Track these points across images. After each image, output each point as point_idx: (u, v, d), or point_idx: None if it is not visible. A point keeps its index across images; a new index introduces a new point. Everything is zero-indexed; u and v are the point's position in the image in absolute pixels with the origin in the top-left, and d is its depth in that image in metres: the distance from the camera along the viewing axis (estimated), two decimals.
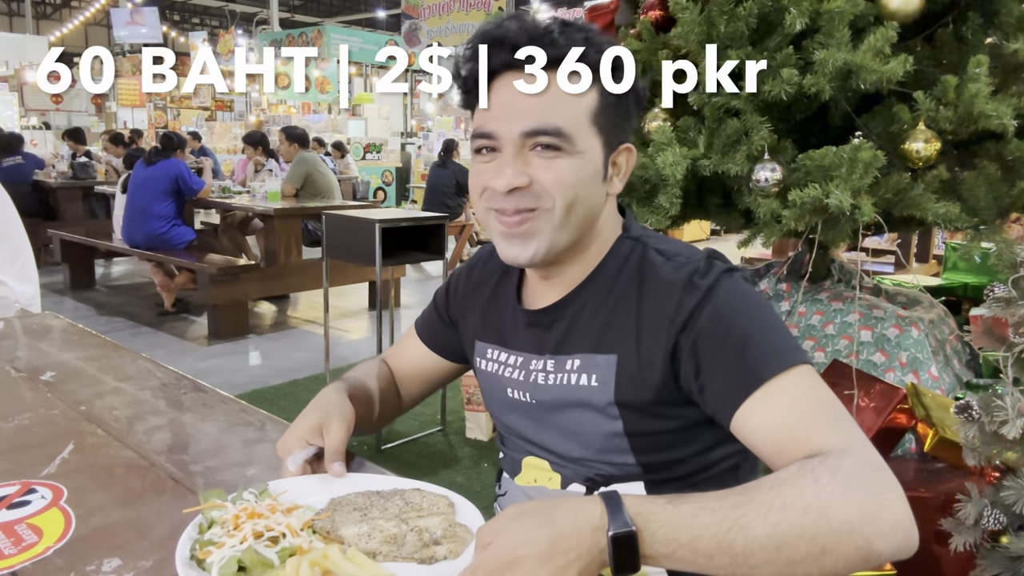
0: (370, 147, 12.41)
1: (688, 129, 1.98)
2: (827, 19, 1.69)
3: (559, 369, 0.93)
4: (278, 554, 0.70)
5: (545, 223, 0.86)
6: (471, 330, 1.07)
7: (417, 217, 3.23)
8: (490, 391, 1.04)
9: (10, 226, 2.10)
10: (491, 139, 0.86)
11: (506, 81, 0.85)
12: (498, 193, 0.85)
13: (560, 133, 0.83)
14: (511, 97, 0.84)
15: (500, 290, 1.05)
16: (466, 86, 0.88)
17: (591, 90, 0.85)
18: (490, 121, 0.86)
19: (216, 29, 20.74)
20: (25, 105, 15.23)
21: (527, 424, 0.98)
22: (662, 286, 0.87)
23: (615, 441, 0.90)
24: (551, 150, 0.84)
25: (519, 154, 0.85)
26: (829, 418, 0.75)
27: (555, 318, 0.95)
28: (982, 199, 1.78)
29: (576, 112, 0.84)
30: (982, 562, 1.44)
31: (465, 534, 0.77)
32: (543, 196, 0.85)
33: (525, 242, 0.87)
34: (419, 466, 2.99)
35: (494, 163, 0.86)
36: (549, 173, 0.84)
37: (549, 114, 0.83)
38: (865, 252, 2.14)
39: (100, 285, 6.46)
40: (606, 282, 0.92)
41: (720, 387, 0.80)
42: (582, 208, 0.87)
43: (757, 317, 0.83)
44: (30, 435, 1.05)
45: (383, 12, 18.89)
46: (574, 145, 0.84)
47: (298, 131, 6.12)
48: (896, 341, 2.00)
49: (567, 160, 0.84)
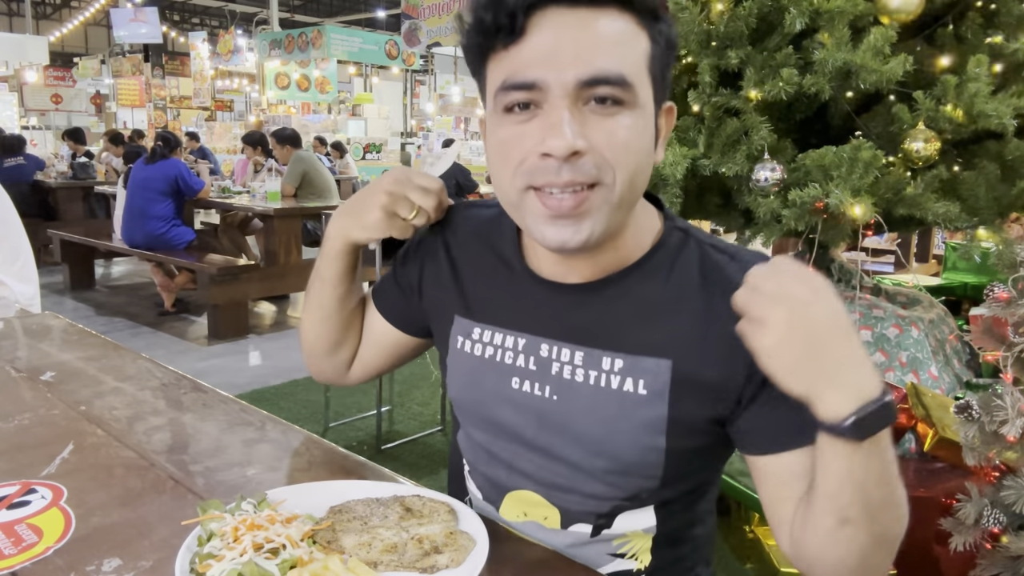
0: (370, 147, 12.41)
1: (688, 129, 1.98)
2: (827, 19, 1.69)
3: (592, 365, 0.78)
4: (279, 566, 0.69)
5: (603, 201, 0.70)
6: (447, 301, 0.91)
7: None
8: (479, 381, 0.86)
9: (10, 226, 2.10)
10: (532, 90, 0.68)
11: (552, 16, 0.67)
12: (548, 163, 0.68)
13: (624, 82, 0.67)
14: (558, 34, 0.67)
15: (490, 259, 0.88)
16: (496, 20, 0.68)
17: (643, 34, 0.70)
18: (531, 66, 0.67)
19: (216, 29, 20.74)
20: (25, 105, 15.23)
21: (532, 427, 0.83)
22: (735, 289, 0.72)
23: (650, 457, 0.78)
24: (613, 104, 0.68)
25: (574, 108, 0.68)
26: None
27: (587, 298, 0.79)
28: (982, 199, 1.78)
29: (636, 56, 0.69)
30: (982, 562, 1.44)
31: (466, 542, 0.76)
32: (603, 168, 0.68)
33: (578, 223, 0.70)
34: (419, 466, 2.99)
35: (535, 122, 0.69)
36: (611, 136, 0.68)
37: (610, 56, 0.67)
38: (865, 252, 2.13)
39: (100, 285, 6.46)
40: (658, 273, 0.78)
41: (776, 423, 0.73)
42: (641, 180, 0.72)
43: None
44: (30, 435, 1.05)
45: (383, 12, 18.89)
46: (636, 97, 0.69)
47: (288, 132, 6.14)
48: (896, 341, 2.00)
49: (629, 117, 0.69)
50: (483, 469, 0.91)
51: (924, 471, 1.81)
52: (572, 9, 0.67)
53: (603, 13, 0.68)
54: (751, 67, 1.78)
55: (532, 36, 0.67)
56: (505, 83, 0.69)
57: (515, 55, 0.68)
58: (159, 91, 15.08)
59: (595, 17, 0.67)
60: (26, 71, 14.80)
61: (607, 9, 0.68)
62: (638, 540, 0.85)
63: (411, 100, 20.28)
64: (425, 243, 0.94)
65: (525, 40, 0.68)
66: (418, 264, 0.95)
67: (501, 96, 0.70)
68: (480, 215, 0.92)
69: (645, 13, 0.70)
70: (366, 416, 3.40)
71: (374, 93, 18.90)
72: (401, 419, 3.48)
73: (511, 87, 0.69)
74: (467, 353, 0.88)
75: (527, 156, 0.70)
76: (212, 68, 13.68)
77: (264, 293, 5.33)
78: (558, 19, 0.67)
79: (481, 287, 0.88)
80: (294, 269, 5.22)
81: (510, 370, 0.83)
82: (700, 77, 1.85)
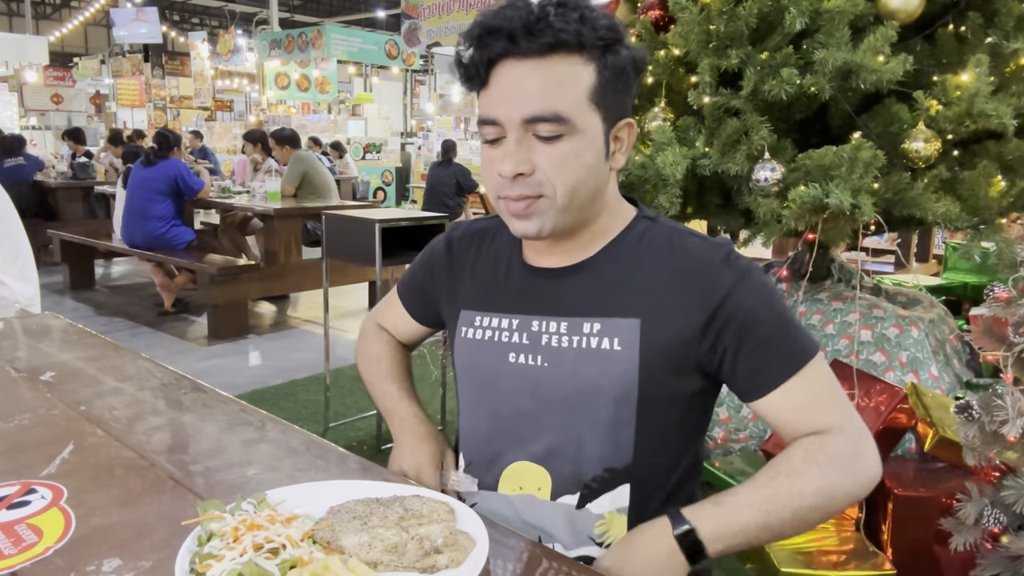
0: (370, 147, 12.41)
1: (688, 129, 1.98)
2: (827, 19, 1.69)
3: (575, 331, 0.94)
4: (279, 566, 0.69)
5: (548, 207, 0.89)
6: (455, 300, 1.07)
7: (417, 217, 3.23)
8: (480, 361, 1.01)
9: (10, 226, 2.10)
10: (495, 125, 0.88)
11: (506, 67, 0.86)
12: (505, 180, 0.88)
13: (559, 118, 0.85)
14: (511, 83, 0.86)
15: (489, 255, 1.06)
16: (468, 73, 0.90)
17: (588, 68, 0.86)
18: (493, 107, 0.88)
19: (216, 29, 20.74)
20: (25, 105, 15.23)
21: (526, 397, 0.96)
22: (696, 258, 0.92)
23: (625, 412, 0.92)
24: (553, 135, 0.86)
25: (522, 140, 0.87)
26: (832, 400, 0.92)
27: (568, 278, 0.97)
28: (982, 199, 1.78)
29: (575, 93, 0.86)
30: (982, 562, 1.44)
31: (466, 542, 0.76)
32: (544, 184, 0.87)
33: (529, 220, 0.90)
34: None
35: (499, 148, 0.89)
36: (551, 160, 0.87)
37: (548, 98, 0.85)
38: (865, 252, 2.13)
39: (100, 285, 6.46)
40: (627, 251, 0.96)
41: (758, 368, 0.90)
42: (584, 191, 0.90)
43: (784, 305, 0.94)
44: (30, 435, 1.05)
45: (383, 12, 18.89)
46: (574, 127, 0.86)
47: (286, 132, 6.12)
48: (896, 341, 2.00)
49: (568, 143, 0.86)
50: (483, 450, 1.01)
51: (924, 471, 1.81)
52: (522, 60, 0.85)
53: (548, 60, 0.85)
54: (751, 67, 1.78)
55: (493, 84, 0.88)
56: (480, 118, 0.90)
57: (485, 97, 0.89)
58: (159, 91, 15.08)
59: (541, 65, 0.85)
60: (26, 71, 14.80)
61: (551, 56, 0.85)
62: (615, 523, 0.93)
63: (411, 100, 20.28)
64: (436, 251, 1.12)
65: (489, 87, 0.88)
66: (435, 268, 1.12)
67: (480, 128, 0.91)
68: (481, 227, 1.11)
69: (591, 50, 0.86)
70: (366, 416, 3.40)
71: (374, 93, 18.90)
72: None
73: (481, 122, 0.90)
74: (469, 339, 1.02)
75: (494, 176, 0.90)
76: (212, 68, 13.68)
77: (264, 293, 5.33)
78: (511, 70, 0.86)
79: (482, 282, 1.04)
80: (294, 269, 5.22)
81: (507, 347, 0.98)
82: (700, 77, 1.85)
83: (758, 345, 0.89)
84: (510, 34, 0.84)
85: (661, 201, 1.88)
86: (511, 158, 0.87)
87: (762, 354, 0.90)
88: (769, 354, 0.90)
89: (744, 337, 0.89)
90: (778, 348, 0.90)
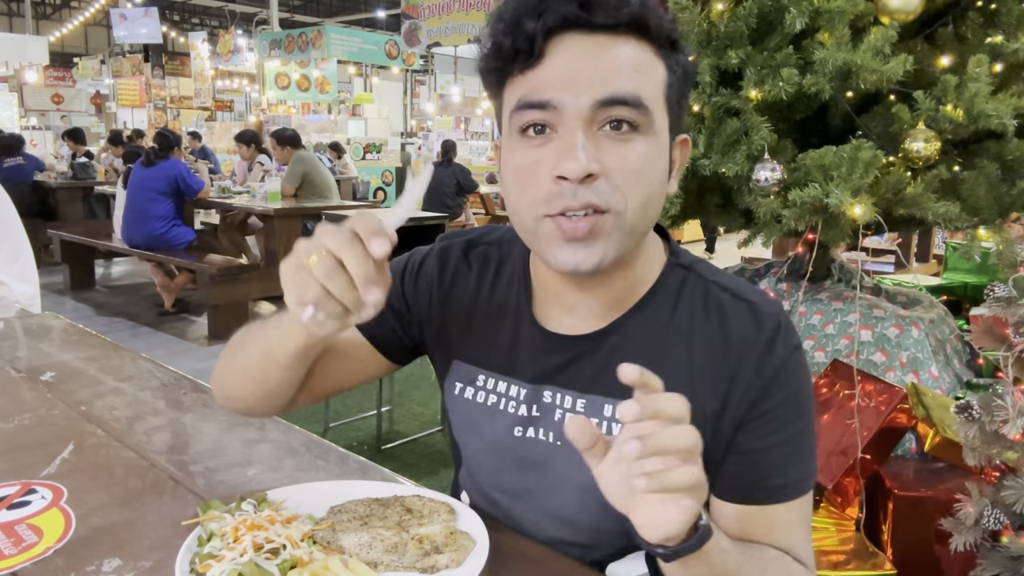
0: (370, 147, 12.41)
1: (688, 129, 1.98)
2: (827, 19, 1.69)
3: (593, 411, 0.79)
4: (279, 566, 0.69)
5: (614, 226, 0.70)
6: (445, 343, 0.89)
7: (417, 217, 3.23)
8: (480, 427, 0.87)
9: (10, 226, 2.11)
10: (547, 110, 0.68)
11: (570, 41, 0.68)
12: (563, 186, 0.67)
13: (640, 104, 0.68)
14: (576, 58, 0.67)
15: (495, 302, 0.87)
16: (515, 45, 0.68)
17: (660, 62, 0.71)
18: (547, 87, 0.68)
19: (216, 29, 20.74)
20: (25, 105, 15.23)
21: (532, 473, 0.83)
22: (739, 337, 0.76)
23: None
24: (627, 129, 0.68)
25: (589, 131, 0.68)
26: (808, 536, 0.80)
27: (590, 349, 0.80)
28: (982, 199, 1.78)
29: (653, 83, 0.70)
30: (982, 562, 1.44)
31: (466, 541, 0.76)
32: (615, 193, 0.68)
33: (590, 246, 0.70)
34: (419, 466, 2.99)
35: (549, 146, 0.69)
36: (624, 161, 0.68)
37: (627, 80, 0.67)
38: (865, 252, 2.13)
39: (100, 285, 6.46)
40: (659, 315, 0.80)
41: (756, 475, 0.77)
42: (653, 209, 0.73)
43: (811, 403, 0.80)
44: (30, 435, 1.05)
45: (383, 12, 18.89)
46: (652, 122, 0.69)
47: (288, 132, 6.14)
48: (896, 341, 2.00)
49: (644, 143, 0.69)
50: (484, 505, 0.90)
51: (924, 471, 1.81)
52: (590, 35, 0.68)
53: (621, 40, 0.68)
54: (751, 67, 1.78)
55: (550, 59, 0.68)
56: (520, 101, 0.69)
57: (532, 78, 0.69)
58: (159, 91, 15.09)
59: (613, 43, 0.68)
60: (26, 71, 14.81)
61: (625, 37, 0.68)
62: None
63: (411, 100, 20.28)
64: (426, 272, 0.91)
65: (543, 63, 0.68)
66: (420, 292, 0.90)
67: (516, 116, 0.70)
68: (485, 254, 0.90)
69: (662, 43, 0.71)
70: (366, 416, 3.40)
71: (374, 93, 18.90)
72: (401, 419, 3.48)
73: (526, 106, 0.69)
74: (468, 400, 0.87)
75: (542, 183, 0.69)
76: (212, 68, 13.68)
77: (264, 293, 5.33)
78: (576, 44, 0.68)
79: (484, 331, 0.87)
80: None
81: (513, 419, 0.84)
82: (700, 77, 1.85)
83: (773, 446, 0.76)
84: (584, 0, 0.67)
85: None
86: (582, 150, 0.66)
87: (768, 462, 0.76)
88: (777, 463, 0.76)
89: (761, 436, 0.76)
90: (790, 460, 0.77)
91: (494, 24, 0.70)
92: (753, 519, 0.78)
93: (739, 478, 0.78)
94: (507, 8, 0.69)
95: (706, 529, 0.64)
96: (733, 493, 0.78)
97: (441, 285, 0.90)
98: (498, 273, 0.89)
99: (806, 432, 0.78)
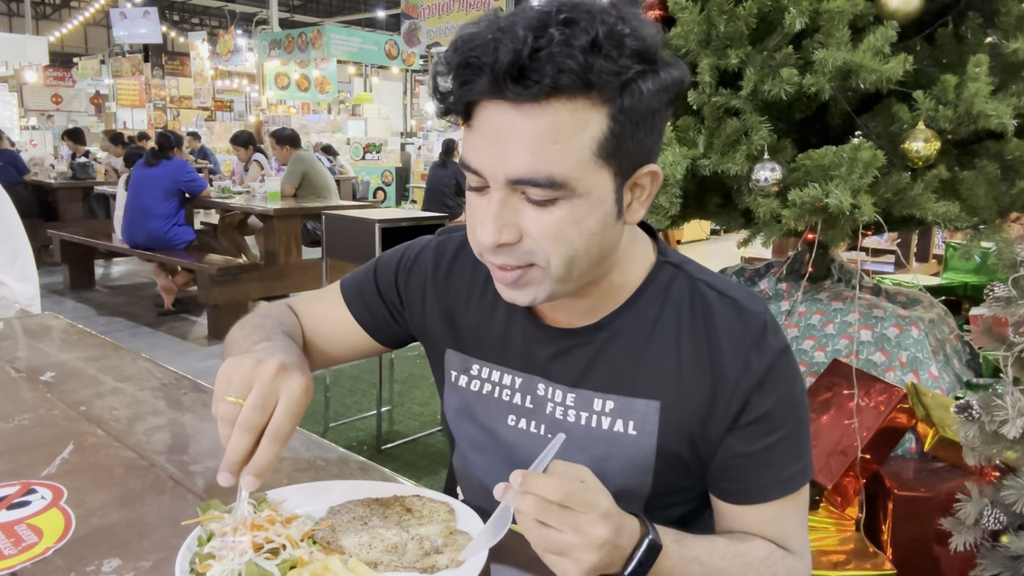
0: (370, 147, 12.41)
1: (688, 129, 1.98)
2: (827, 19, 1.69)
3: (583, 406, 0.82)
4: (279, 566, 0.69)
5: (542, 277, 0.73)
6: (438, 333, 0.93)
7: (417, 217, 3.23)
8: (474, 414, 0.90)
9: (10, 226, 2.11)
10: (479, 176, 0.71)
11: (492, 110, 0.68)
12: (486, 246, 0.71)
13: (552, 183, 0.67)
14: (496, 131, 0.67)
15: (489, 294, 0.89)
16: (445, 107, 0.71)
17: (599, 113, 0.67)
18: (475, 155, 0.70)
19: (215, 29, 20.74)
20: (25, 105, 15.23)
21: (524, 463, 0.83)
22: (726, 333, 0.78)
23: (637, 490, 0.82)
24: (545, 200, 0.69)
25: (507, 200, 0.69)
26: (804, 528, 0.82)
27: (580, 342, 0.82)
28: (982, 199, 1.78)
29: (576, 149, 0.67)
30: (982, 562, 1.44)
31: (466, 541, 0.76)
32: (536, 252, 0.70)
33: (521, 291, 0.74)
34: (419, 466, 2.99)
35: (484, 199, 0.72)
36: (542, 227, 0.69)
37: (539, 158, 0.66)
38: (865, 252, 2.13)
39: (100, 285, 6.46)
40: (647, 313, 0.81)
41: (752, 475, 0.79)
42: (585, 259, 0.73)
43: (804, 399, 0.82)
44: (30, 435, 1.05)
45: (383, 12, 18.89)
46: (573, 191, 0.68)
47: (287, 132, 6.16)
48: (896, 341, 1.99)
49: (565, 208, 0.69)
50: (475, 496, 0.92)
51: (924, 471, 1.81)
52: (515, 105, 0.66)
53: (548, 106, 0.65)
54: (751, 67, 1.78)
55: (476, 126, 0.69)
56: (461, 162, 0.73)
57: (467, 136, 0.71)
58: (159, 91, 15.10)
59: (538, 112, 0.65)
60: (26, 71, 14.81)
61: (553, 101, 0.65)
62: None
63: (411, 100, 20.28)
64: (420, 264, 0.95)
65: (472, 126, 0.70)
66: (413, 285, 0.95)
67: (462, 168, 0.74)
68: None
69: (611, 89, 0.66)
70: (366, 416, 3.40)
71: (374, 93, 18.91)
72: (401, 419, 3.48)
73: (464, 167, 0.72)
74: (463, 388, 0.91)
75: (476, 232, 0.73)
76: (212, 68, 13.68)
77: (264, 293, 5.33)
78: (499, 115, 0.67)
79: (478, 321, 0.90)
80: (294, 269, 5.22)
81: (507, 407, 0.87)
82: (700, 77, 1.85)
83: (765, 449, 0.77)
84: (494, 74, 0.64)
85: (661, 201, 1.88)
86: (493, 223, 0.69)
87: (763, 461, 0.78)
88: (770, 464, 0.78)
89: (755, 436, 0.77)
90: (783, 459, 0.78)
91: (435, 76, 0.72)
92: (748, 516, 0.80)
93: (735, 481, 0.80)
94: (445, 64, 0.70)
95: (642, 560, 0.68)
96: (730, 495, 0.81)
97: (436, 277, 0.93)
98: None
99: (800, 429, 0.80)
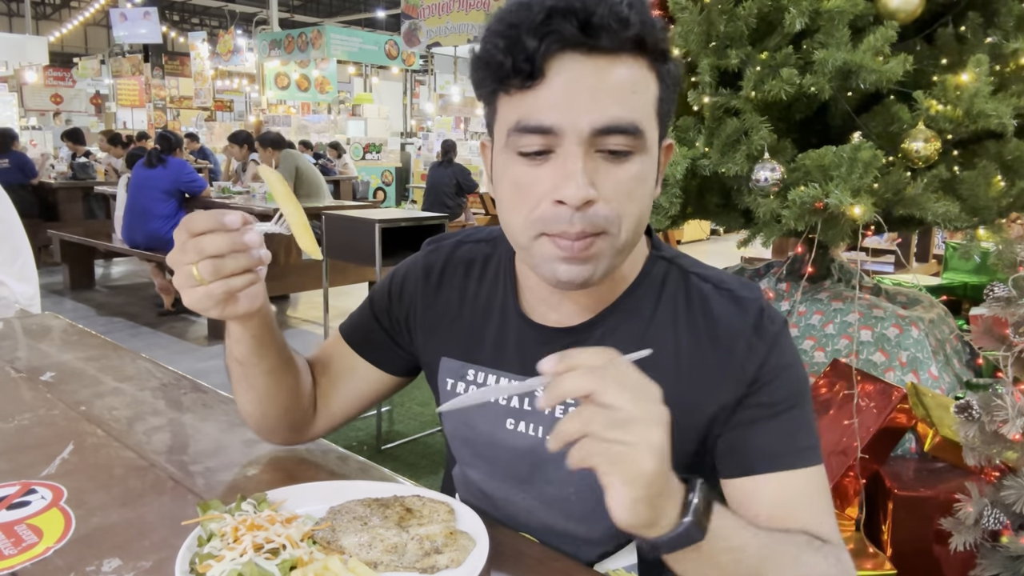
0: (370, 147, 12.42)
1: (688, 129, 1.98)
2: (827, 19, 1.69)
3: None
4: (279, 566, 0.69)
5: (608, 247, 0.71)
6: (433, 342, 0.92)
7: (417, 217, 3.23)
8: (471, 421, 0.89)
9: (10, 226, 2.11)
10: (547, 135, 0.68)
11: (571, 62, 0.67)
12: (560, 210, 0.68)
13: (636, 130, 0.68)
14: (576, 80, 0.67)
15: (482, 298, 0.89)
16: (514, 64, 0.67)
17: (652, 75, 0.71)
18: (547, 109, 0.67)
19: (215, 29, 20.74)
20: (25, 105, 15.24)
21: (525, 467, 0.85)
22: (723, 324, 0.78)
23: None
24: (625, 151, 0.69)
25: (587, 155, 0.68)
26: (831, 510, 0.78)
27: (576, 341, 0.81)
28: (982, 199, 1.78)
29: (647, 101, 0.70)
30: (982, 562, 1.44)
31: (466, 541, 0.76)
32: (610, 218, 0.70)
33: (585, 265, 0.72)
34: (419, 466, 2.99)
35: (548, 166, 0.69)
36: (619, 185, 0.69)
37: (624, 105, 0.68)
38: (865, 252, 2.13)
39: (100, 285, 6.46)
40: (643, 307, 0.82)
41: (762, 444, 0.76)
42: (642, 225, 0.74)
43: (806, 381, 0.81)
44: (30, 435, 1.05)
45: (383, 12, 18.89)
46: (645, 143, 0.70)
47: (271, 135, 6.34)
48: (896, 341, 1.99)
49: (638, 163, 0.70)
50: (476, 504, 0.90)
51: (924, 471, 1.81)
52: (589, 56, 0.67)
53: (618, 60, 0.68)
54: (751, 67, 1.78)
55: (549, 81, 0.67)
56: (520, 124, 0.69)
57: (531, 97, 0.68)
58: (159, 91, 15.10)
59: (611, 64, 0.67)
60: (26, 71, 14.82)
61: (622, 56, 0.68)
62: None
63: (411, 100, 20.28)
64: (411, 279, 0.94)
65: (542, 84, 0.67)
66: (406, 300, 0.94)
67: (515, 137, 0.70)
68: (471, 253, 0.93)
69: (657, 55, 0.70)
70: (366, 416, 3.40)
71: (374, 93, 18.91)
72: (401, 419, 3.48)
73: (526, 129, 0.68)
74: (459, 395, 0.88)
75: (540, 202, 0.70)
76: (212, 68, 13.69)
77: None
78: (575, 65, 0.67)
79: (472, 327, 0.89)
80: (294, 269, 5.22)
81: (504, 411, 0.85)
82: (700, 77, 1.85)
83: (777, 422, 0.77)
84: (587, 21, 0.65)
85: (661, 201, 1.88)
86: (582, 177, 0.67)
87: (771, 432, 0.76)
88: (782, 434, 0.76)
89: (759, 415, 0.77)
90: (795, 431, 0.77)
91: (491, 39, 0.68)
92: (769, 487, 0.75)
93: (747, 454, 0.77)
94: (505, 22, 0.67)
95: (692, 527, 0.61)
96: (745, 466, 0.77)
97: (427, 289, 0.93)
98: (484, 270, 0.91)
99: (805, 406, 0.79)
